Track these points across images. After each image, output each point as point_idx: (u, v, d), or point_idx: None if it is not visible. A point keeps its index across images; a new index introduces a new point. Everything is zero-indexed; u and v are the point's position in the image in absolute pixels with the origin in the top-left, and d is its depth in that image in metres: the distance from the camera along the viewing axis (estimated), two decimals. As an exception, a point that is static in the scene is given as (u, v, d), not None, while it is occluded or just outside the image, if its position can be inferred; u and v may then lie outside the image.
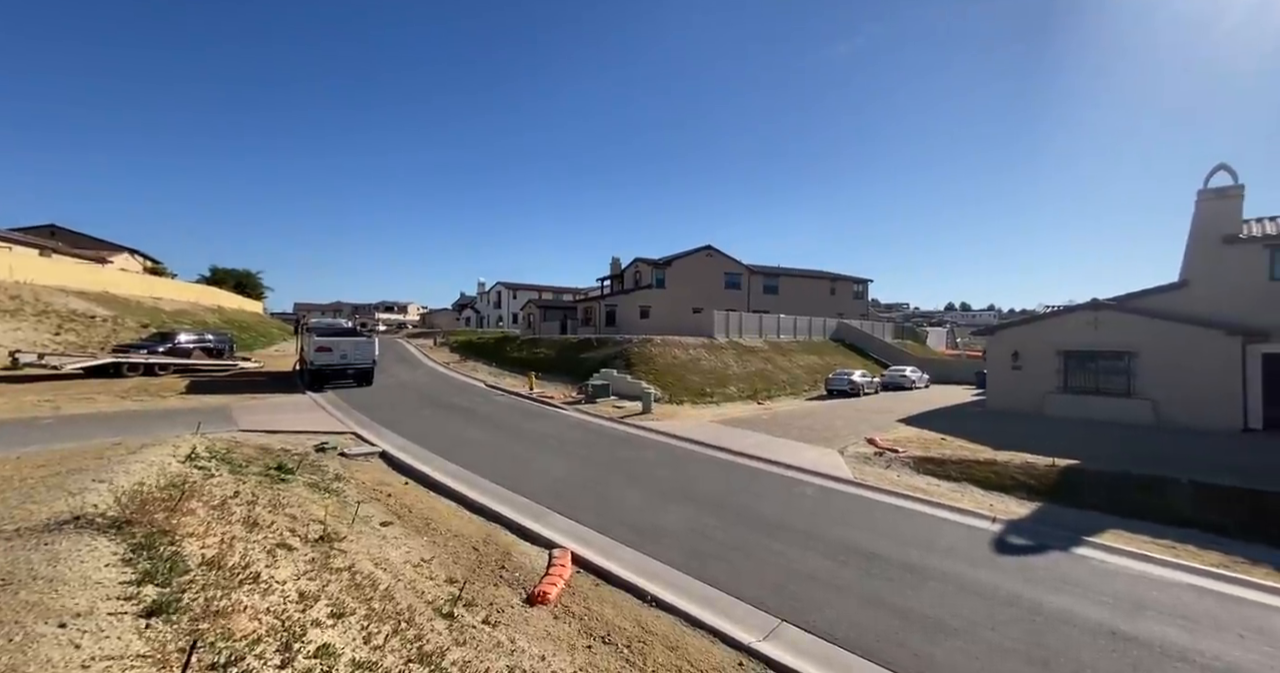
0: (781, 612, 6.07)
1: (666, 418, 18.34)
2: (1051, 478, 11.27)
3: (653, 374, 23.97)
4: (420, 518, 8.44)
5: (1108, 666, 5.21)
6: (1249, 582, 7.21)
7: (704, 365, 26.39)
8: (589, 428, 16.97)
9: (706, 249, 40.30)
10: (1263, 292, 15.69)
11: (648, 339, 27.74)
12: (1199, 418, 15.92)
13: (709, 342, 29.95)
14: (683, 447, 14.62)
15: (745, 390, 24.72)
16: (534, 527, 8.37)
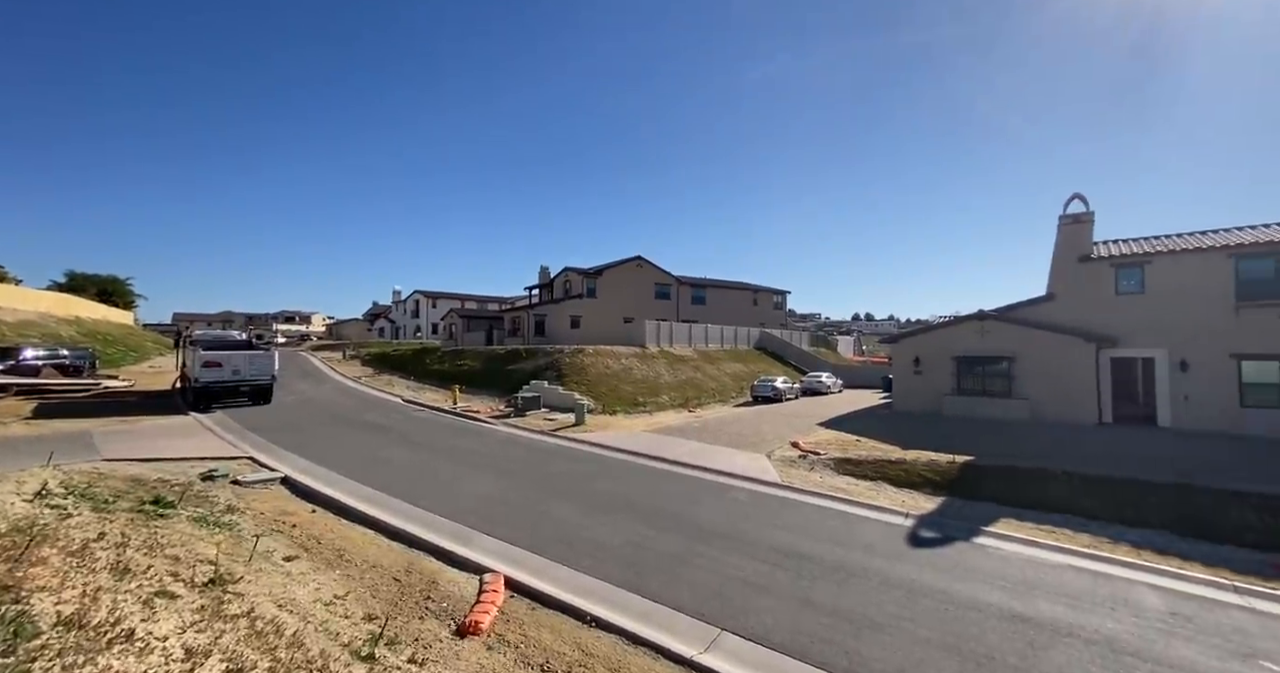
0: (721, 620, 6.09)
1: (600, 429, 18.13)
2: (953, 474, 12.37)
3: (585, 385, 23.67)
4: (331, 550, 7.63)
5: (1009, 646, 5.70)
6: (1113, 559, 8.28)
7: (636, 375, 26.48)
8: (519, 443, 16.37)
9: (636, 260, 40.72)
10: (1111, 304, 18.39)
11: (580, 349, 27.41)
12: (1065, 414, 18.26)
13: (641, 351, 30.14)
14: (617, 458, 14.48)
15: (677, 399, 25.08)
16: (462, 552, 7.85)
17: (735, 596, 6.67)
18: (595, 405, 21.68)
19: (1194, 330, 16.77)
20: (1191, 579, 7.59)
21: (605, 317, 36.77)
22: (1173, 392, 17.18)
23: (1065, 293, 19.39)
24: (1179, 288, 17.15)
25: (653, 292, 41.47)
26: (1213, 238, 17.84)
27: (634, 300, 39.41)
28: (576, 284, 38.67)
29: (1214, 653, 5.70)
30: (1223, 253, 16.56)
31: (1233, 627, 6.28)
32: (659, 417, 21.47)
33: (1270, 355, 15.76)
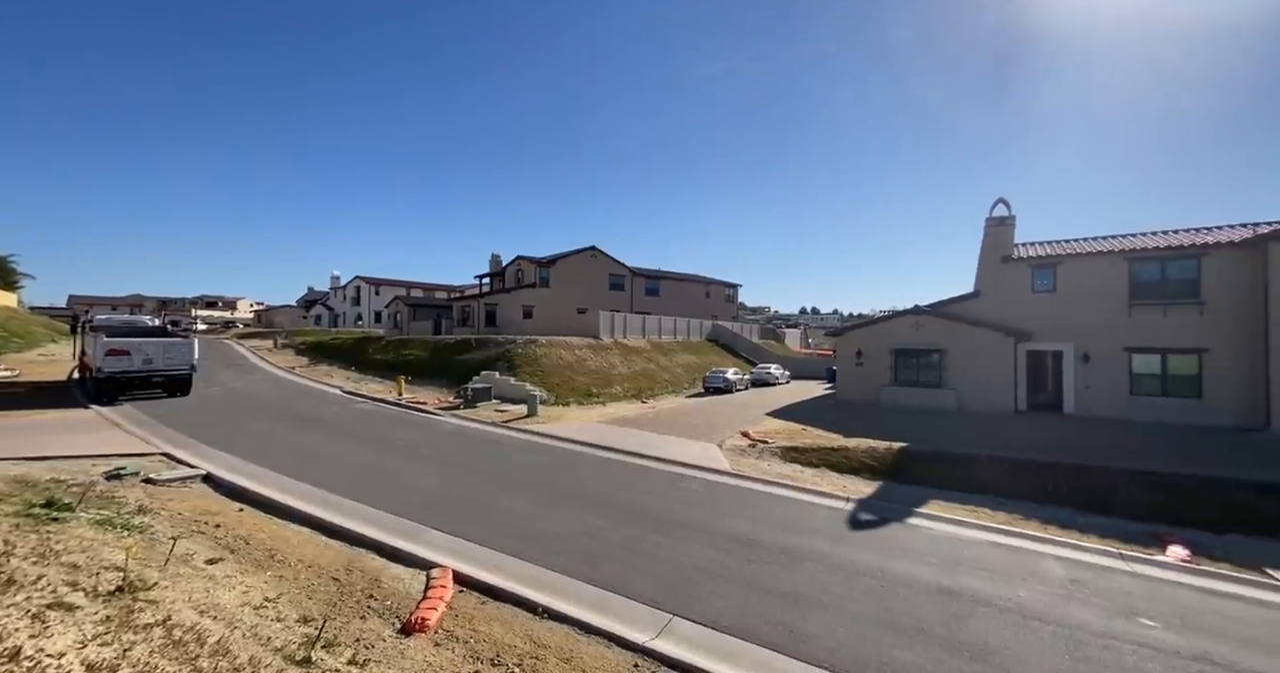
0: (673, 607, 6.21)
1: (553, 420, 17.94)
2: (889, 459, 13.13)
3: (538, 376, 23.32)
4: (262, 550, 7.16)
5: (936, 618, 6.15)
6: (1025, 534, 9.08)
7: (590, 366, 26.35)
8: (468, 434, 15.95)
9: (591, 250, 40.35)
10: (1028, 301, 20.00)
11: (532, 340, 26.94)
12: (988, 404, 19.79)
13: (595, 342, 29.99)
14: (571, 449, 14.40)
15: (631, 390, 25.18)
16: (408, 547, 7.58)
17: (687, 582, 6.81)
18: (548, 397, 21.43)
19: (1095, 326, 18.53)
20: (1088, 550, 8.46)
21: (559, 307, 36.28)
22: (1077, 382, 18.97)
23: (990, 290, 20.90)
24: (1084, 288, 18.88)
25: (607, 282, 41.27)
26: (1112, 243, 19.72)
27: (588, 291, 39.08)
28: (529, 273, 37.89)
29: (1103, 613, 6.39)
30: (1120, 257, 18.36)
31: (1119, 590, 7.07)
32: (612, 408, 21.50)
33: (1154, 349, 17.69)
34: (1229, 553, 8.49)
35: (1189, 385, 17.20)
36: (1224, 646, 5.80)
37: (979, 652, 5.47)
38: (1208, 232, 18.50)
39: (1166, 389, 17.54)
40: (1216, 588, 7.34)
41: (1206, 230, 18.69)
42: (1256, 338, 15.84)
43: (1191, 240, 17.79)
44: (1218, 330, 16.69)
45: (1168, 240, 18.49)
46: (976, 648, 5.54)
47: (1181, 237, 18.63)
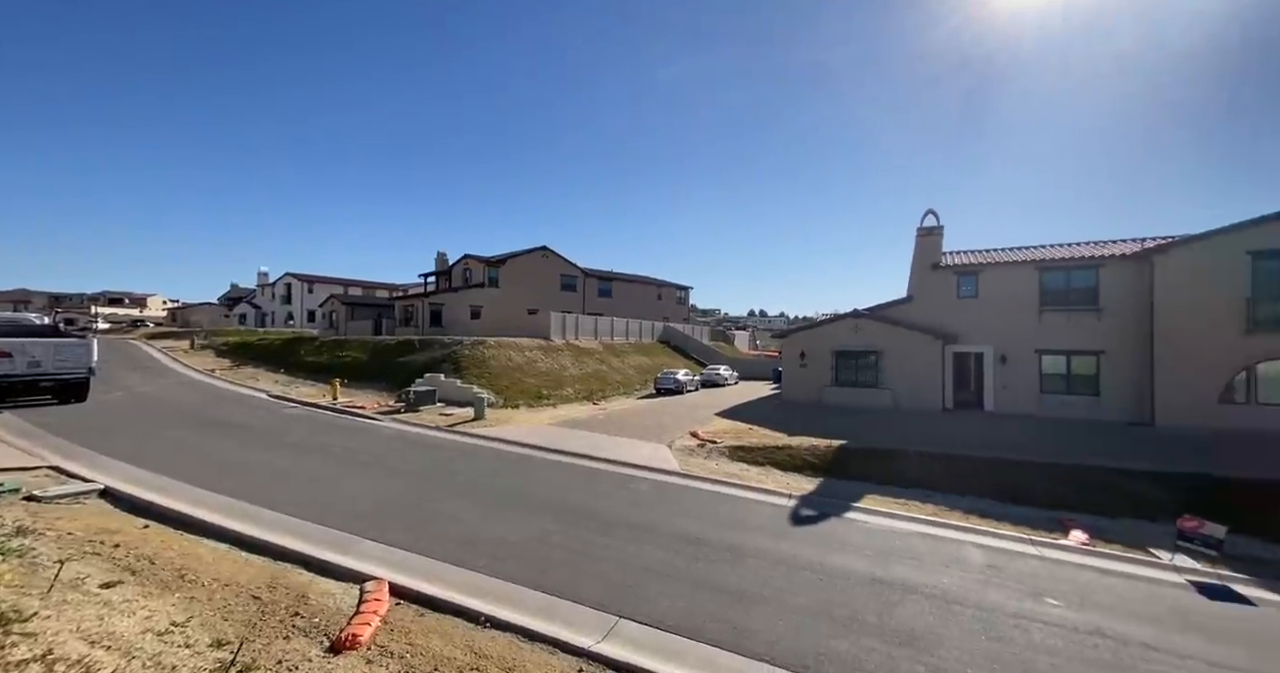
0: (620, 609, 6.19)
1: (501, 423, 17.51)
2: (830, 457, 13.70)
3: (486, 378, 22.70)
4: (170, 570, 6.54)
5: (869, 607, 6.47)
6: (949, 524, 9.72)
7: (541, 368, 25.93)
8: (410, 439, 15.29)
9: (542, 250, 39.76)
10: (954, 306, 21.48)
11: (480, 341, 26.20)
12: (919, 402, 21.07)
13: (546, 343, 29.56)
14: (519, 452, 14.10)
15: (582, 392, 24.98)
16: (339, 560, 7.15)
17: (635, 583, 6.81)
18: (496, 399, 20.91)
19: (1011, 330, 20.16)
20: (1003, 537, 9.17)
21: (508, 307, 35.49)
22: (995, 381, 20.55)
23: (920, 296, 22.29)
24: (1002, 294, 20.49)
25: (558, 283, 40.79)
26: (1025, 253, 21.54)
27: (539, 291, 38.48)
28: (477, 273, 36.84)
29: (1014, 595, 6.94)
30: (1031, 266, 20.08)
31: (1029, 573, 7.71)
32: (563, 410, 21.24)
33: (1060, 351, 19.46)
34: (1120, 535, 9.45)
35: (1089, 384, 19.03)
36: (1114, 620, 6.44)
37: (907, 637, 5.80)
38: (1105, 245, 20.54)
39: (1070, 388, 19.33)
40: (1110, 568, 8.15)
41: (1104, 243, 20.75)
42: (1144, 342, 17.75)
43: (1091, 253, 19.70)
44: (1113, 335, 18.56)
45: (1071, 252, 20.38)
46: (905, 634, 5.86)
47: (1083, 249, 20.58)
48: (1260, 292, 16.10)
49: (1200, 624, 6.52)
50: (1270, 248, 16.01)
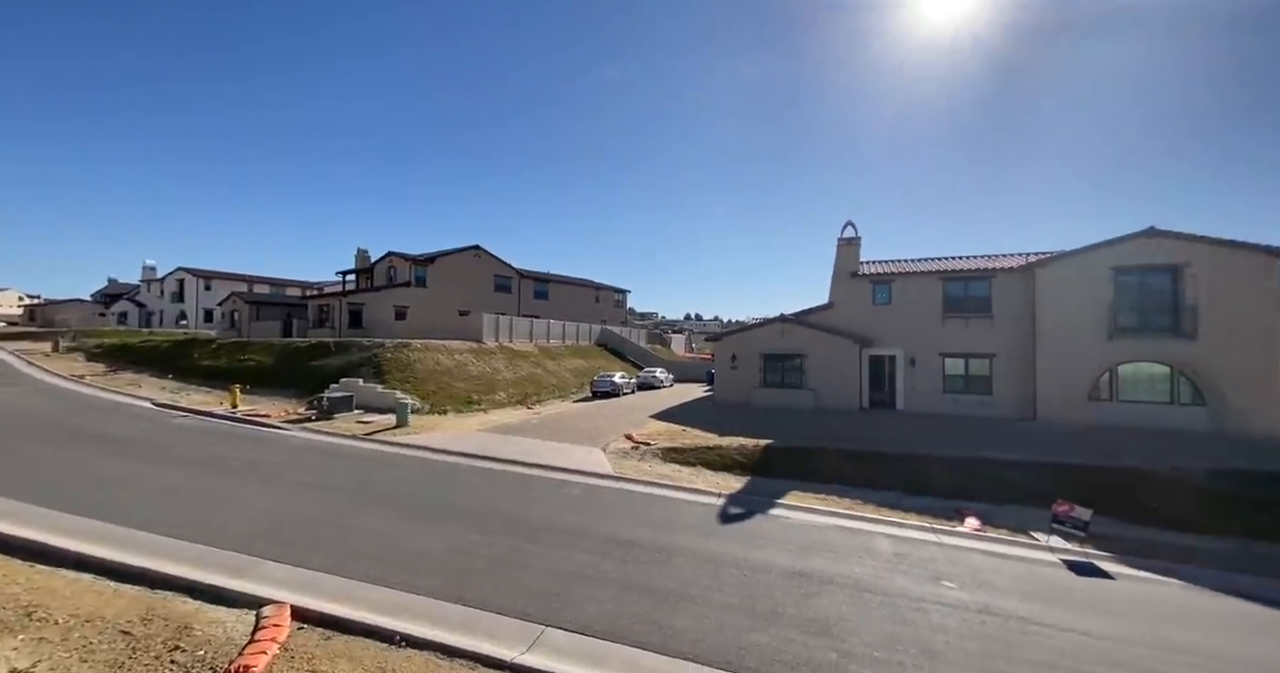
0: (546, 617, 6.07)
1: (427, 430, 16.70)
2: (757, 455, 14.24)
3: (411, 383, 21.55)
4: (12, 608, 5.65)
5: (789, 599, 6.77)
6: (863, 516, 10.39)
7: (471, 371, 25.01)
8: (322, 450, 14.23)
9: (475, 249, 38.42)
10: (870, 313, 23.07)
11: (405, 343, 24.85)
12: (839, 402, 22.40)
13: (477, 346, 28.55)
14: (446, 460, 13.51)
15: (516, 396, 24.36)
16: (233, 584, 6.50)
17: (562, 590, 6.71)
18: (422, 405, 19.92)
19: (919, 334, 21.96)
20: (908, 526, 9.94)
21: (437, 308, 33.96)
22: (905, 382, 22.28)
23: (841, 302, 23.75)
24: (911, 301, 22.28)
25: (492, 284, 39.58)
26: (931, 264, 23.56)
27: (471, 292, 37.14)
28: (403, 271, 34.96)
29: (917, 580, 7.54)
30: (935, 276, 22.00)
31: (929, 559, 8.40)
32: (495, 415, 20.61)
33: (959, 354, 21.44)
34: (1007, 521, 10.52)
35: (983, 384, 21.09)
36: (999, 598, 7.15)
37: (823, 626, 6.12)
38: (996, 258, 22.86)
39: (968, 388, 21.32)
40: (997, 551, 9.06)
41: (996, 257, 23.09)
42: (1028, 346, 19.93)
43: (985, 265, 21.87)
44: (1003, 339, 20.69)
45: (968, 264, 22.52)
46: (821, 623, 6.19)
47: (978, 261, 22.80)
48: (1121, 302, 18.58)
49: (1069, 598, 7.39)
50: (1127, 264, 18.53)
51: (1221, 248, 17.37)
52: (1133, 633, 6.46)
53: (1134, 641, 6.27)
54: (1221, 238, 17.47)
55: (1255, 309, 16.84)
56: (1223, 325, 17.08)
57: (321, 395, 18.80)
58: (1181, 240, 17.86)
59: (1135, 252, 18.42)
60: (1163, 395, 18.13)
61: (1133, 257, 18.46)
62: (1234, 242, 17.28)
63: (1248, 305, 16.89)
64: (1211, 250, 17.46)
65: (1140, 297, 18.44)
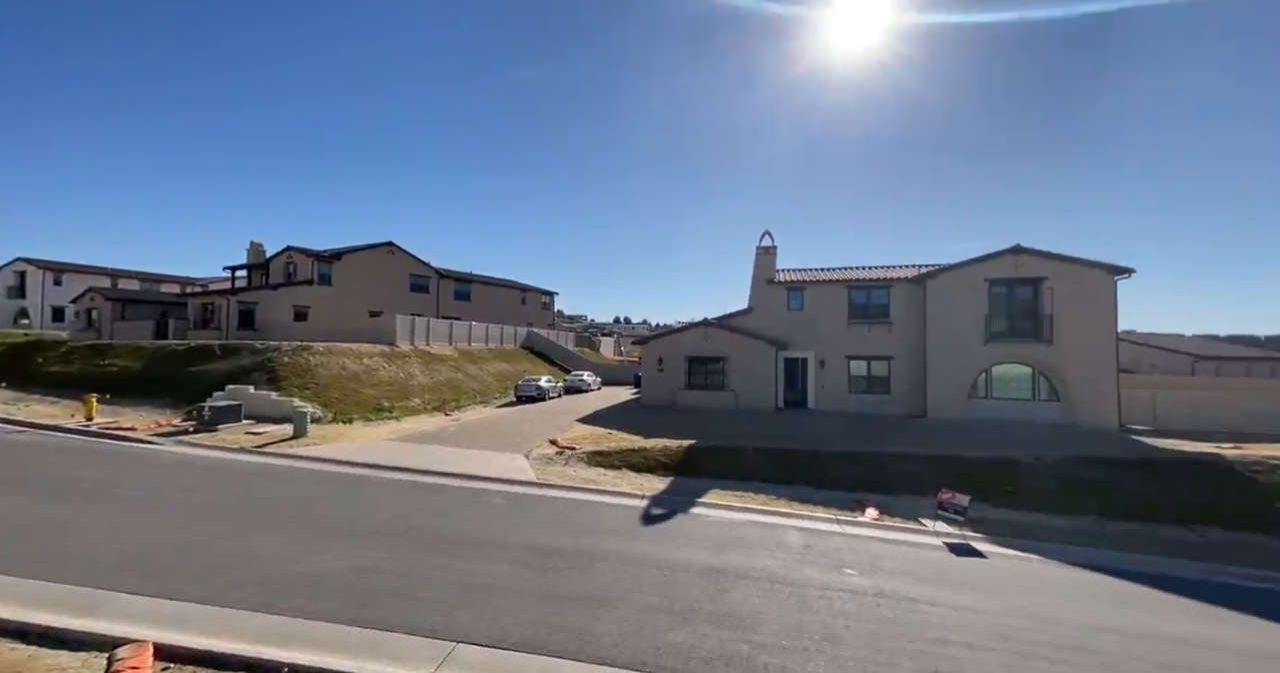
0: (459, 633, 5.77)
1: (329, 441, 15.39)
2: (680, 456, 14.53)
3: (312, 389, 19.77)
4: None
5: (706, 595, 6.95)
6: (776, 511, 10.93)
7: (382, 376, 23.40)
8: (202, 466, 12.67)
9: (388, 245, 36.09)
10: (786, 318, 24.42)
11: (305, 346, 22.76)
12: (757, 402, 23.47)
13: (390, 350, 26.77)
14: (350, 472, 12.52)
15: (433, 401, 23.11)
16: (79, 624, 5.57)
17: (477, 604, 6.42)
18: (324, 414, 18.35)
19: (830, 338, 23.57)
20: (817, 518, 10.60)
21: (344, 309, 31.47)
22: (816, 383, 23.81)
23: (759, 307, 24.95)
24: (821, 307, 23.88)
25: (408, 283, 37.37)
26: (838, 273, 25.39)
27: (384, 292, 34.81)
28: (305, 268, 32.05)
29: (822, 569, 8.05)
30: (842, 285, 23.77)
31: (834, 548, 9.00)
32: (409, 423, 19.42)
33: (863, 357, 23.29)
34: (902, 509, 11.53)
35: (883, 385, 23.02)
36: (893, 581, 7.80)
37: (737, 620, 6.33)
38: (894, 269, 25.08)
39: (870, 388, 23.18)
40: (892, 537, 9.89)
41: (894, 268, 25.33)
42: (920, 350, 22.02)
43: (884, 275, 23.92)
44: (900, 343, 22.71)
45: (870, 274, 24.53)
46: (735, 617, 6.40)
47: (879, 271, 24.90)
48: (994, 311, 21.05)
49: (950, 577, 8.21)
50: (999, 277, 21.05)
51: (1073, 264, 20.25)
52: (1003, 606, 7.30)
53: (1004, 613, 7.08)
54: (1073, 256, 20.37)
55: (1097, 318, 19.79)
56: (1072, 332, 19.90)
57: (203, 405, 16.76)
58: (1041, 257, 20.61)
59: (1005, 266, 21.00)
60: (1026, 393, 20.78)
61: (1003, 271, 21.03)
62: (1082, 259, 20.21)
63: (1091, 315, 19.81)
64: (1065, 266, 20.30)
65: (1009, 306, 21.03)
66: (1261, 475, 13.24)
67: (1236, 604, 7.88)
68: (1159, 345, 37.12)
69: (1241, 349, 41.85)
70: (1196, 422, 19.36)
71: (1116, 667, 5.83)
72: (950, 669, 5.48)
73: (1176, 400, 20.57)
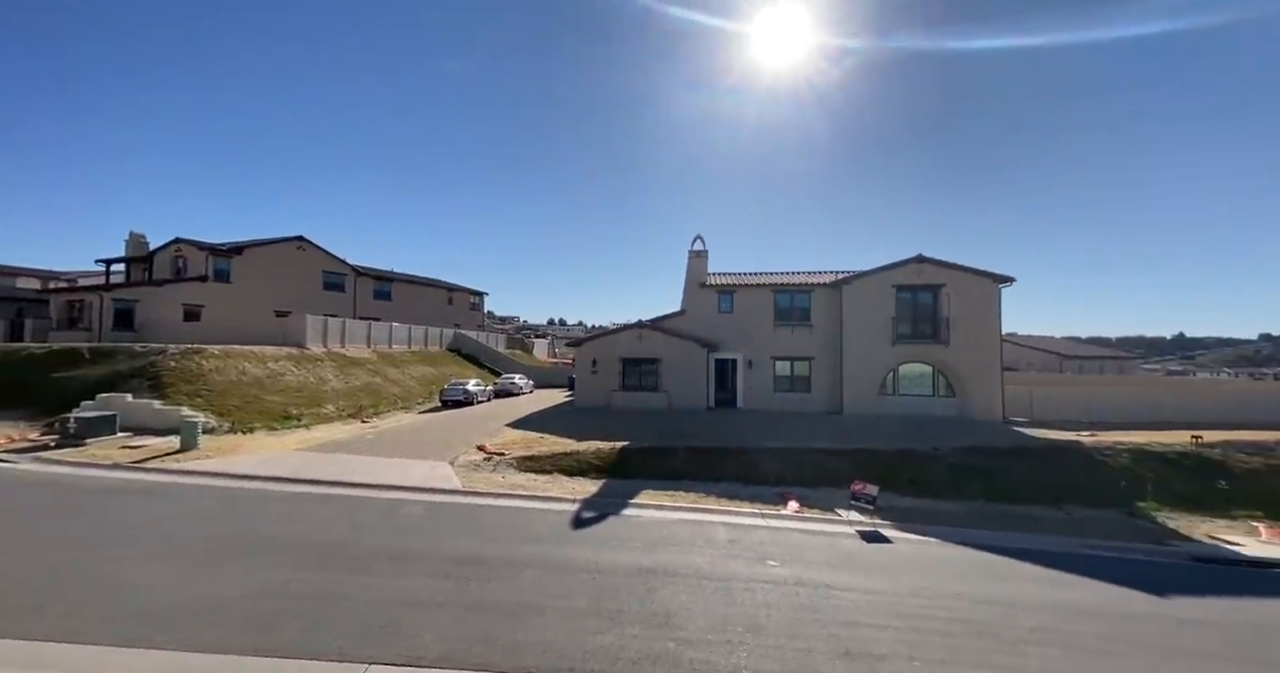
0: (371, 654, 5.42)
1: (225, 453, 13.95)
2: (613, 458, 14.57)
3: (205, 397, 17.83)
4: None
5: (635, 596, 7.00)
6: (705, 508, 11.25)
7: (290, 382, 21.54)
8: (67, 484, 11.09)
9: (298, 240, 33.31)
10: (716, 320, 25.20)
11: (197, 349, 20.48)
12: (689, 402, 24.03)
13: (299, 352, 24.70)
14: (250, 487, 11.43)
15: (348, 408, 21.59)
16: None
17: (393, 621, 6.06)
18: (219, 423, 16.63)
19: (757, 340, 24.61)
20: (743, 514, 11.02)
21: (246, 308, 28.68)
22: (744, 383, 24.78)
23: (692, 309, 25.58)
24: (749, 310, 24.90)
25: (321, 281, 34.71)
26: (765, 278, 26.60)
27: (293, 291, 32.10)
28: (197, 263, 28.87)
29: (746, 562, 8.38)
30: (769, 289, 24.93)
31: (758, 542, 9.40)
32: (321, 431, 18.02)
33: (787, 357, 24.55)
34: (820, 501, 12.24)
35: (804, 383, 24.37)
36: (810, 570, 8.27)
37: (664, 618, 6.43)
38: (815, 274, 26.61)
39: (793, 387, 24.46)
40: (810, 528, 10.48)
41: (815, 273, 26.87)
42: (837, 350, 23.53)
43: (806, 280, 25.34)
44: (819, 344, 24.14)
45: (793, 279, 25.90)
46: (663, 615, 6.50)
47: (801, 276, 26.33)
48: (900, 314, 22.91)
49: (860, 563, 8.83)
50: (904, 283, 22.95)
51: (966, 273, 22.49)
52: (906, 587, 7.94)
53: (907, 593, 7.70)
54: (966, 265, 22.63)
55: (985, 322, 22.11)
56: (966, 335, 22.09)
57: (68, 416, 14.61)
58: (940, 266, 22.72)
59: (909, 274, 22.94)
60: (928, 389, 22.82)
61: (907, 277, 22.97)
62: (974, 268, 22.50)
63: (980, 318, 22.11)
64: (959, 275, 22.50)
65: (913, 310, 23.00)
66: (1110, 459, 15.40)
67: (1092, 572, 9.10)
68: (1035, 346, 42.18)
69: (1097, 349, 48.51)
70: (1063, 413, 22.16)
71: (997, 635, 6.53)
72: (858, 649, 5.89)
73: (1048, 395, 23.43)
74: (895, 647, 5.98)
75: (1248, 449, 16.04)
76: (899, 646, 6.01)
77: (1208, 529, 12.06)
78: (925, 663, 5.68)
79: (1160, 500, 13.33)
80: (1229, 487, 14.19)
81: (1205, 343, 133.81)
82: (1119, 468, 14.86)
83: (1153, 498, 13.33)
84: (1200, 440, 16.48)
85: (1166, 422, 20.15)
